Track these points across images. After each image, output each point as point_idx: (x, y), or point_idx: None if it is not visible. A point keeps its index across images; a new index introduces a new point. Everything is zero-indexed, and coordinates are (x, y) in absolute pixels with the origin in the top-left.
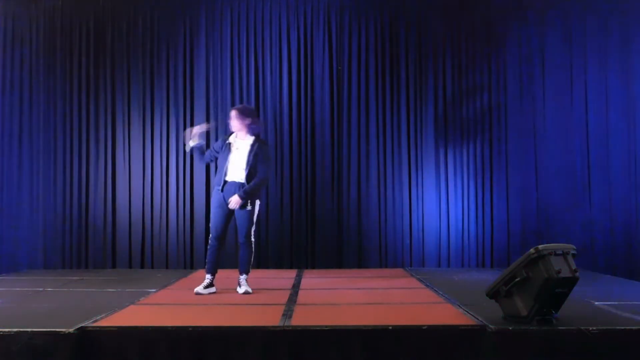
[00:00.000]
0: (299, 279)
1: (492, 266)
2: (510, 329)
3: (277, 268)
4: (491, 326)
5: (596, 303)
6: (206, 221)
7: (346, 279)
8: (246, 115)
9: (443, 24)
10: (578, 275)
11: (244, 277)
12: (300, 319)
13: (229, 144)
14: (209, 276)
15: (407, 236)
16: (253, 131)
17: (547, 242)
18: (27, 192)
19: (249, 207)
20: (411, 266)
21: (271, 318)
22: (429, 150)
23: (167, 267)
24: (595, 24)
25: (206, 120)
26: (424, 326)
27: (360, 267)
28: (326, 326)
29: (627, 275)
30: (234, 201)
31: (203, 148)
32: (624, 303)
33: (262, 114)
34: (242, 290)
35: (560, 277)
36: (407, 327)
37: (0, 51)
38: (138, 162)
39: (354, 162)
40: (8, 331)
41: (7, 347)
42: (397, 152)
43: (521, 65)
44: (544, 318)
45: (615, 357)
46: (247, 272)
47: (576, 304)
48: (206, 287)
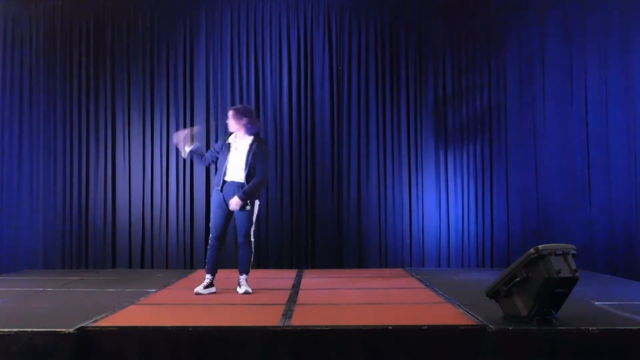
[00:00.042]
0: (299, 279)
1: (492, 266)
2: (510, 329)
3: (277, 268)
4: (491, 326)
5: (596, 303)
6: (206, 221)
7: (346, 279)
8: (243, 115)
9: (443, 24)
10: (578, 275)
11: (244, 277)
12: (300, 319)
13: (228, 144)
14: (209, 276)
15: (407, 236)
16: (250, 131)
17: (547, 242)
18: (27, 192)
19: (248, 207)
20: (411, 266)
21: (271, 318)
22: (429, 150)
23: (167, 267)
24: (595, 24)
25: (206, 120)
26: (424, 326)
27: (360, 267)
28: (326, 326)
29: (627, 275)
30: (234, 203)
31: (200, 150)
32: (624, 303)
33: (262, 114)
34: (242, 290)
35: (560, 277)
36: (407, 327)
37: (0, 51)
38: (138, 162)
39: (354, 162)
40: (8, 331)
41: (7, 347)
42: (397, 152)
43: (521, 65)
44: (544, 318)
45: (615, 357)
46: (247, 272)
47: (576, 304)
48: (206, 287)
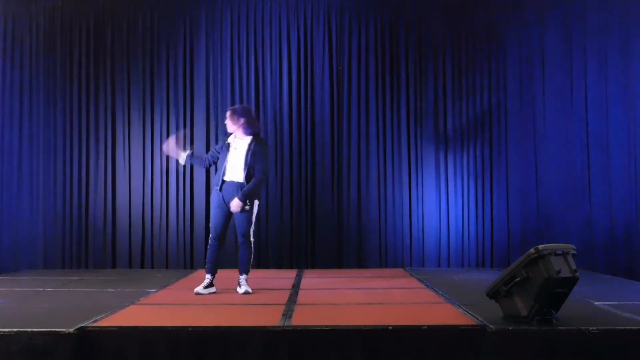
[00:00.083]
0: (299, 279)
1: (492, 266)
2: (510, 329)
3: (277, 268)
4: (491, 326)
5: (596, 303)
6: (206, 221)
7: (346, 279)
8: (240, 115)
9: (443, 24)
10: (578, 275)
11: (243, 277)
12: (300, 319)
13: (228, 144)
14: (209, 276)
15: (407, 236)
16: (248, 131)
17: (547, 242)
18: (27, 192)
19: (247, 207)
20: (411, 266)
21: (271, 318)
22: (428, 150)
23: (167, 267)
24: (595, 24)
25: (206, 120)
26: (424, 326)
27: (360, 267)
28: (326, 326)
29: (627, 275)
30: (235, 204)
31: (197, 154)
32: (624, 303)
33: (262, 114)
34: (242, 290)
35: (560, 277)
36: (407, 327)
37: (0, 51)
38: (138, 162)
39: (354, 162)
40: (8, 331)
41: (7, 347)
42: (397, 152)
43: (521, 65)
44: (544, 318)
45: (615, 357)
46: (247, 272)
47: (576, 304)
48: (206, 287)
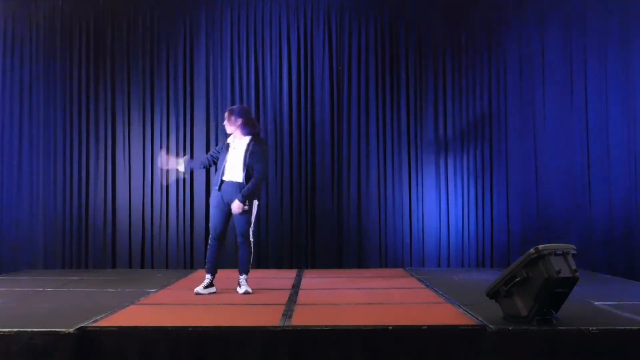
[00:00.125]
0: (299, 279)
1: (492, 266)
2: (510, 329)
3: (277, 268)
4: (491, 326)
5: (596, 303)
6: (206, 221)
7: (346, 279)
8: (238, 115)
9: (443, 24)
10: (578, 275)
11: (243, 277)
12: (300, 319)
13: (227, 144)
14: (209, 276)
15: (407, 236)
16: (246, 131)
17: (547, 242)
18: (27, 192)
19: (246, 207)
20: (411, 266)
21: (271, 318)
22: (428, 150)
23: (167, 267)
24: (595, 24)
25: (206, 120)
26: (424, 326)
27: (360, 267)
28: (326, 326)
29: (627, 275)
30: (236, 207)
31: (194, 161)
32: (624, 303)
33: (262, 114)
34: (242, 290)
35: (560, 277)
36: (407, 327)
37: (0, 51)
38: (138, 162)
39: (354, 162)
40: (8, 331)
41: (7, 347)
42: (397, 152)
43: (521, 65)
44: (544, 318)
45: (615, 357)
46: (246, 272)
47: (576, 304)
48: (206, 287)
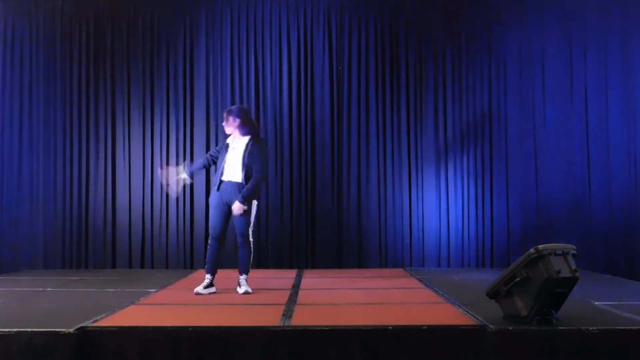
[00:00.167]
0: (299, 279)
1: (492, 266)
2: (510, 329)
3: (277, 268)
4: (491, 326)
5: (596, 303)
6: (206, 221)
7: (346, 279)
8: (236, 116)
9: (443, 24)
10: (578, 275)
11: (243, 277)
12: (300, 319)
13: (226, 144)
14: (208, 276)
15: (407, 236)
16: (244, 131)
17: (547, 242)
18: (27, 192)
19: (245, 207)
20: (411, 266)
21: (271, 318)
22: (428, 150)
23: (167, 267)
24: (595, 23)
25: (206, 120)
26: (424, 326)
27: (360, 267)
28: (326, 326)
29: (627, 275)
30: (237, 208)
31: (194, 163)
32: (624, 303)
33: (262, 114)
34: (242, 290)
35: (560, 277)
36: (407, 327)
37: (0, 51)
38: (138, 162)
39: (354, 162)
40: (8, 331)
41: (7, 347)
42: (397, 152)
43: (521, 65)
44: (544, 318)
45: (615, 357)
46: (246, 272)
47: (576, 304)
48: (206, 287)
